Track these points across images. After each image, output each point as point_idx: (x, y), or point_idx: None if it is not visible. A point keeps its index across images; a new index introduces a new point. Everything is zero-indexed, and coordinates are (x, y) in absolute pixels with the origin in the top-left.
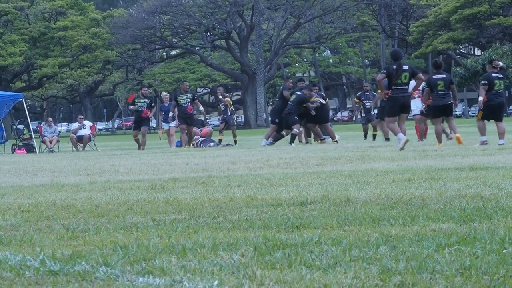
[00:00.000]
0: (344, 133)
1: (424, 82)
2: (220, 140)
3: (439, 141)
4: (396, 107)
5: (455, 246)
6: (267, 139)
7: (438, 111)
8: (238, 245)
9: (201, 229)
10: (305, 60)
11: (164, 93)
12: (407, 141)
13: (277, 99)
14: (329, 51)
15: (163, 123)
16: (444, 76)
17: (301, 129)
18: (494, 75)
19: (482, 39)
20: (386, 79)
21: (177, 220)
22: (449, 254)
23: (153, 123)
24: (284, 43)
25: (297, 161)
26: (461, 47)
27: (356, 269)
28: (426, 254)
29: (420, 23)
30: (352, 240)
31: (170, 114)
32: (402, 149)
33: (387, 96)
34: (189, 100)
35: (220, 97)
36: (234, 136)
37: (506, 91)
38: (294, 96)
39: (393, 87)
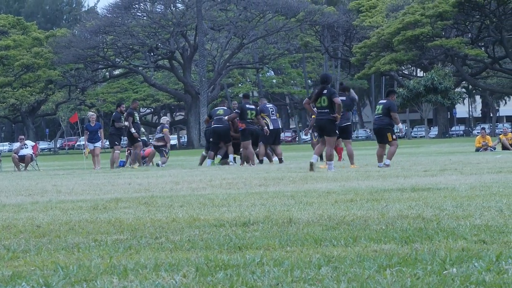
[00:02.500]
0: (288, 154)
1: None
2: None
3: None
4: (317, 129)
5: (397, 267)
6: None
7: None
8: (180, 265)
9: (143, 250)
10: (248, 80)
11: (90, 113)
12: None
13: (223, 118)
14: (272, 72)
15: (88, 143)
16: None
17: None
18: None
19: (424, 61)
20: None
21: (119, 241)
22: (390, 275)
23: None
24: (228, 64)
25: (240, 182)
26: (403, 68)
27: None
28: (367, 275)
29: (363, 44)
30: (294, 261)
31: (132, 129)
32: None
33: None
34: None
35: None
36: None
37: (449, 112)
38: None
39: (316, 110)
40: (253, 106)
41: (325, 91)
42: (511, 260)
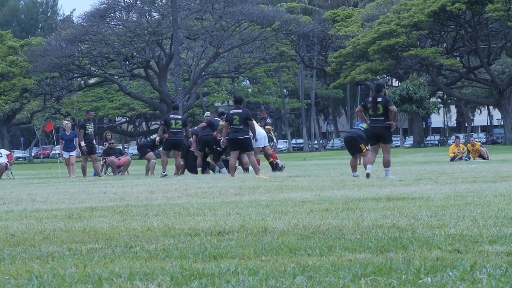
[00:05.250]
0: (264, 162)
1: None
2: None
3: (232, 174)
4: (370, 137)
5: (371, 276)
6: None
7: (232, 144)
8: (154, 274)
9: (117, 259)
10: (224, 89)
11: (65, 122)
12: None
13: (207, 128)
14: (248, 81)
15: (63, 152)
16: (240, 111)
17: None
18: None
19: (399, 70)
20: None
21: (94, 250)
22: (365, 284)
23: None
24: (203, 73)
25: (215, 191)
26: (379, 77)
27: None
28: (342, 284)
29: (339, 53)
30: (269, 270)
31: (83, 143)
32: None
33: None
34: (93, 129)
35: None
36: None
37: (424, 122)
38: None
39: (369, 118)
40: (178, 116)
41: (379, 99)
42: (485, 269)
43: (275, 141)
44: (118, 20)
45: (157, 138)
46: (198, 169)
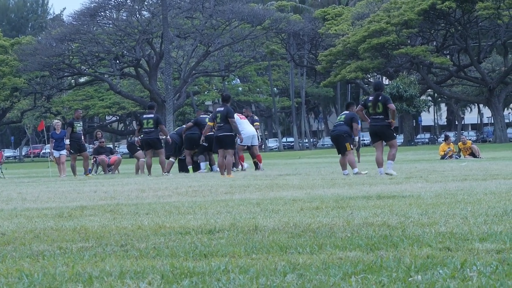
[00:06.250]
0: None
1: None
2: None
3: (221, 172)
4: (371, 135)
5: (362, 274)
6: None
7: (216, 142)
8: (145, 273)
9: (108, 257)
10: (214, 88)
11: (55, 121)
12: None
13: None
14: (238, 80)
15: (53, 151)
16: (222, 109)
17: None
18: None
19: (390, 69)
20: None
21: (84, 248)
22: (355, 282)
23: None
24: (194, 71)
25: (206, 189)
26: (369, 76)
27: None
28: (332, 282)
29: (329, 52)
30: (260, 268)
31: (67, 141)
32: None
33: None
34: (81, 127)
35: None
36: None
37: (414, 120)
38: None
39: (370, 117)
40: (151, 115)
41: (380, 98)
42: (476, 267)
43: (259, 140)
44: (109, 19)
45: (136, 139)
46: (189, 167)
